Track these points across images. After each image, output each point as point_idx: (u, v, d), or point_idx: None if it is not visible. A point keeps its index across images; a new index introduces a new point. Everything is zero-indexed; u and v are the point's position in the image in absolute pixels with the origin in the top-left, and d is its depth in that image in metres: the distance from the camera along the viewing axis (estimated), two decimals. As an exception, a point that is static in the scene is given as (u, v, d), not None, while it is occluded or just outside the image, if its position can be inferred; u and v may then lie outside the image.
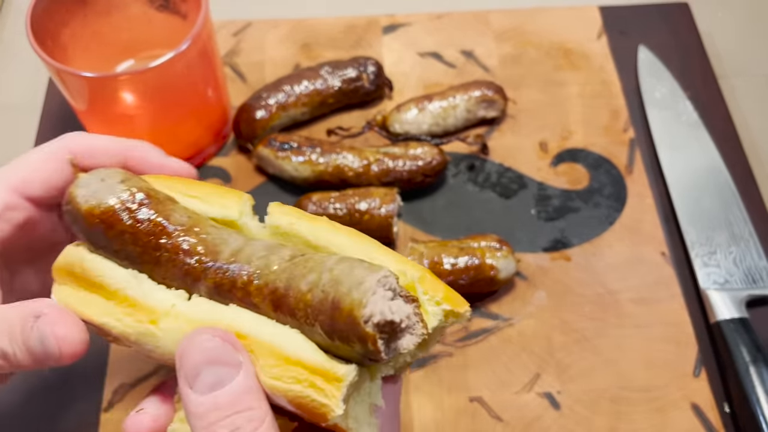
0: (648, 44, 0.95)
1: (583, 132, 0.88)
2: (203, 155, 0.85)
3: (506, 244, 0.74)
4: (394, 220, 0.75)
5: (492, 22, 0.98)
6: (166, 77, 0.71)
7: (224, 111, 0.85)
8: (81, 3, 0.79)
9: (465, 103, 0.85)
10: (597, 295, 0.76)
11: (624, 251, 0.79)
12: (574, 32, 0.97)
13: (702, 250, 0.77)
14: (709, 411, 0.70)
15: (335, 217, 0.76)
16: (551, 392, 0.71)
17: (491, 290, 0.75)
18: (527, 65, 0.94)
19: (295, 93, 0.84)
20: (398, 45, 0.96)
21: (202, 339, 0.42)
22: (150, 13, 0.83)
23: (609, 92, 0.92)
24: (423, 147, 0.80)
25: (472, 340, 0.74)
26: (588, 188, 0.84)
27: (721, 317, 0.72)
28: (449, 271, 0.71)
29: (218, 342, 0.41)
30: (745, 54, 0.98)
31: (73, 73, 0.68)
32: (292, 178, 0.80)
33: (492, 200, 0.83)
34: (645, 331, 0.74)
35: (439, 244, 0.73)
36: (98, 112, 0.75)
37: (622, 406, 0.70)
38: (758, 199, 0.82)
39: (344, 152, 0.80)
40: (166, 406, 0.50)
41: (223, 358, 0.41)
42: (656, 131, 0.87)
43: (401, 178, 0.80)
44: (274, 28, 0.98)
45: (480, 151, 0.86)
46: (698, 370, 0.72)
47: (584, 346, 0.73)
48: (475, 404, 0.70)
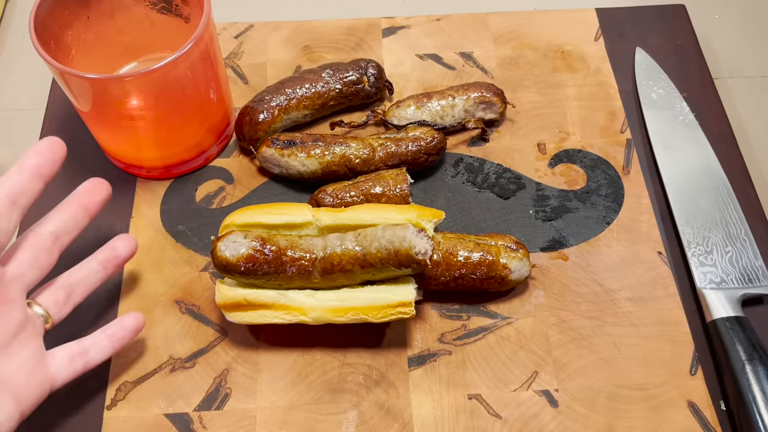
0: (645, 46, 0.96)
1: (581, 133, 0.89)
2: (206, 156, 0.86)
3: (523, 247, 0.74)
4: (409, 198, 0.78)
5: (491, 24, 0.99)
6: (169, 79, 0.72)
7: (226, 112, 0.86)
8: (84, 5, 0.79)
9: (463, 103, 0.86)
10: (594, 294, 0.77)
11: (621, 251, 0.80)
12: (571, 35, 0.98)
13: (698, 250, 0.78)
14: (706, 409, 0.71)
15: (353, 204, 0.77)
16: (549, 390, 0.72)
17: (501, 290, 0.76)
18: (525, 67, 0.95)
19: (296, 95, 0.85)
20: (398, 47, 0.97)
21: None
22: (152, 15, 0.84)
23: (606, 94, 0.93)
24: (422, 129, 0.83)
25: (470, 339, 0.74)
26: (585, 189, 0.85)
27: (717, 316, 0.72)
28: (462, 263, 0.72)
29: None
30: (741, 56, 0.99)
31: (77, 75, 0.69)
32: (300, 173, 0.81)
33: (490, 200, 0.84)
34: (642, 329, 0.75)
35: (456, 237, 0.74)
36: (101, 113, 0.76)
37: (619, 404, 0.71)
38: (754, 200, 0.83)
39: (348, 142, 0.81)
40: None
41: None
42: (653, 132, 0.88)
43: (406, 159, 0.81)
44: (275, 30, 0.98)
45: (480, 138, 0.87)
46: (695, 368, 0.73)
47: (581, 344, 0.74)
48: (474, 402, 0.71)
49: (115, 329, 0.68)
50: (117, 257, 0.70)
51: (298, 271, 0.68)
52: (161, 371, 0.73)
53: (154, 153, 0.82)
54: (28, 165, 0.60)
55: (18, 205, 0.59)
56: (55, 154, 0.62)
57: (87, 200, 0.67)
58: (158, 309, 0.76)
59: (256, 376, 0.73)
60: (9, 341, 0.59)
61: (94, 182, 0.68)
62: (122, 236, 0.71)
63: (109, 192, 0.69)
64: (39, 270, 0.63)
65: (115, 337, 0.68)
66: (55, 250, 0.65)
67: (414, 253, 0.65)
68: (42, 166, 0.61)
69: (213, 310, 0.76)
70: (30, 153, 0.61)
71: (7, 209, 0.58)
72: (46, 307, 0.64)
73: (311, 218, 0.71)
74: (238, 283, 0.70)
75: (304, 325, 0.71)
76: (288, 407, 0.71)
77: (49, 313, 0.64)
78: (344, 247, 0.67)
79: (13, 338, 0.60)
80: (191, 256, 0.80)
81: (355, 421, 0.70)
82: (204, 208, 0.83)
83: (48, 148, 0.62)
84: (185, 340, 0.75)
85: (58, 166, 0.62)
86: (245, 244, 0.67)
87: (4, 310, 0.59)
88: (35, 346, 0.62)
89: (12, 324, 0.60)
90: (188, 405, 0.71)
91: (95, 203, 0.67)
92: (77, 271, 0.68)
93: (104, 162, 0.86)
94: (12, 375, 0.59)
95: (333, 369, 0.73)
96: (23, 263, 0.62)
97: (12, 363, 0.60)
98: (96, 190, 0.68)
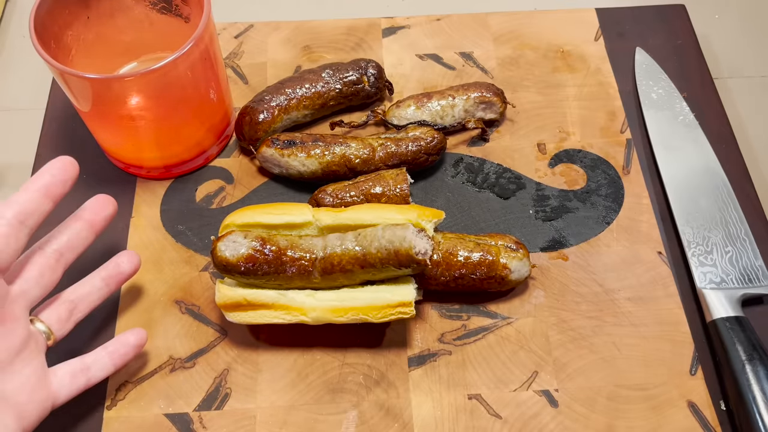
0: (645, 46, 0.96)
1: (581, 133, 0.89)
2: (206, 156, 0.86)
3: (523, 247, 0.74)
4: (409, 199, 0.78)
5: (491, 24, 0.99)
6: (169, 79, 0.72)
7: (226, 112, 0.86)
8: (84, 5, 0.79)
9: (463, 103, 0.86)
10: (594, 294, 0.77)
11: (621, 251, 0.80)
12: (571, 35, 0.98)
13: (698, 250, 0.78)
14: (706, 409, 0.71)
15: (353, 204, 0.77)
16: (549, 390, 0.72)
17: (501, 290, 0.76)
18: (525, 67, 0.95)
19: (296, 95, 0.85)
20: (398, 47, 0.97)
21: None
22: (152, 15, 0.84)
23: (606, 94, 0.93)
24: (422, 129, 0.83)
25: (470, 339, 0.74)
26: (585, 189, 0.85)
27: (717, 316, 0.72)
28: (462, 263, 0.72)
29: None
30: (740, 56, 0.99)
31: (77, 75, 0.69)
32: (300, 173, 0.81)
33: (490, 200, 0.84)
34: (642, 329, 0.75)
35: (456, 237, 0.74)
36: (101, 113, 0.76)
37: (619, 404, 0.71)
38: (754, 200, 0.83)
39: (348, 142, 0.81)
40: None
41: None
42: (653, 132, 0.88)
43: (406, 159, 0.81)
44: (275, 30, 0.99)
45: (480, 138, 0.87)
46: (695, 368, 0.73)
47: (581, 344, 0.74)
48: (474, 402, 0.71)
49: (116, 346, 0.68)
50: (120, 274, 0.70)
51: (298, 271, 0.68)
52: (161, 371, 0.73)
53: (154, 153, 0.82)
54: (39, 184, 0.60)
55: (26, 225, 0.59)
56: (67, 174, 0.62)
57: (92, 217, 0.67)
58: (158, 309, 0.76)
59: (256, 376, 0.73)
60: (12, 358, 0.59)
61: (99, 199, 0.68)
62: (126, 252, 0.71)
63: (115, 209, 0.68)
64: (43, 288, 0.63)
65: (116, 354, 0.67)
66: (59, 268, 0.64)
67: (414, 253, 0.65)
68: (52, 186, 0.61)
69: (213, 310, 0.76)
70: (42, 172, 0.61)
71: (15, 229, 0.58)
72: (48, 324, 0.64)
73: (311, 218, 0.71)
74: (238, 283, 0.70)
75: (304, 325, 0.71)
76: (288, 407, 0.71)
77: (51, 329, 0.64)
78: (344, 247, 0.67)
79: (17, 355, 0.60)
80: (191, 256, 0.80)
81: (355, 421, 0.70)
82: (204, 208, 0.83)
83: (60, 168, 0.61)
84: (185, 340, 0.75)
85: (68, 186, 0.62)
86: (245, 244, 0.67)
87: (8, 328, 0.59)
88: (38, 363, 0.62)
89: (15, 341, 0.60)
90: (188, 405, 0.71)
91: (100, 220, 0.67)
92: (80, 287, 0.67)
93: (104, 162, 0.86)
94: (15, 392, 0.59)
95: (333, 369, 0.73)
96: (29, 280, 0.62)
97: (15, 380, 0.59)
98: (101, 208, 0.67)
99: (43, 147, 0.87)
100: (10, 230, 0.58)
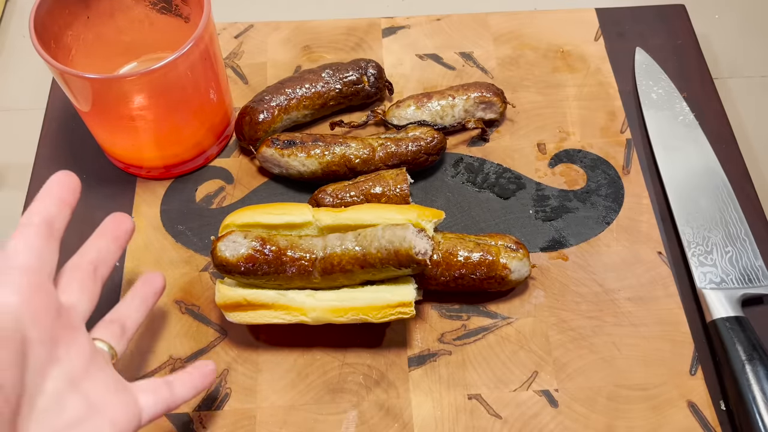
0: (645, 46, 0.96)
1: (581, 133, 0.89)
2: (206, 156, 0.86)
3: (523, 247, 0.74)
4: (409, 199, 0.78)
5: (491, 24, 0.99)
6: (169, 79, 0.72)
7: (226, 112, 0.86)
8: (84, 5, 0.79)
9: (463, 103, 0.86)
10: (594, 294, 0.77)
11: (621, 251, 0.80)
12: (571, 35, 0.98)
13: (698, 250, 0.78)
14: (706, 409, 0.71)
15: (353, 204, 0.77)
16: (549, 390, 0.72)
17: (501, 290, 0.76)
18: (525, 67, 0.95)
19: (296, 95, 0.85)
20: (398, 47, 0.97)
21: None
22: (152, 15, 0.84)
23: (606, 94, 0.93)
24: (422, 129, 0.83)
25: (470, 339, 0.74)
26: (585, 189, 0.85)
27: (717, 316, 0.72)
28: (462, 263, 0.72)
29: None
30: (740, 56, 0.99)
31: (77, 75, 0.69)
32: (300, 173, 0.81)
33: (490, 200, 0.84)
34: (642, 329, 0.75)
35: (456, 237, 0.74)
36: (101, 113, 0.76)
37: (619, 404, 0.71)
38: (754, 200, 0.83)
39: (348, 142, 0.81)
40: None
41: None
42: (653, 132, 0.88)
43: (406, 159, 0.81)
44: (275, 30, 0.99)
45: (480, 138, 0.87)
46: (694, 368, 0.73)
47: (581, 344, 0.74)
48: (474, 402, 0.71)
49: (195, 369, 0.65)
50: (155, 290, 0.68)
51: (298, 271, 0.68)
52: (161, 371, 0.73)
53: (154, 153, 0.82)
54: (51, 192, 0.58)
55: (55, 229, 0.57)
56: (73, 183, 0.59)
57: (114, 233, 0.65)
58: (158, 309, 0.76)
59: (256, 376, 0.73)
60: (87, 366, 0.57)
61: (116, 216, 0.66)
62: (153, 274, 0.69)
63: (133, 225, 0.67)
64: (89, 299, 0.60)
65: (196, 373, 0.64)
66: (98, 280, 0.62)
67: (414, 253, 0.65)
68: (64, 192, 0.59)
69: (213, 310, 0.76)
70: (49, 184, 0.59)
71: (46, 231, 0.56)
72: (107, 341, 0.62)
73: (311, 218, 0.71)
74: (238, 283, 0.70)
75: (304, 325, 0.71)
76: (288, 407, 0.71)
77: (111, 346, 0.62)
78: (344, 247, 0.67)
79: (91, 362, 0.57)
80: (191, 256, 0.80)
81: (355, 421, 0.70)
82: (204, 208, 0.83)
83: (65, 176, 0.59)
84: (185, 340, 0.75)
85: (78, 194, 0.60)
86: (245, 244, 0.68)
87: (72, 336, 0.56)
88: (111, 371, 0.59)
89: (84, 349, 0.57)
90: (188, 405, 0.71)
91: (122, 234, 0.65)
92: (121, 306, 0.66)
93: (104, 162, 0.86)
94: (100, 397, 0.56)
95: (333, 369, 0.73)
96: (74, 292, 0.59)
97: (98, 387, 0.57)
98: (120, 222, 0.66)
99: (43, 147, 0.87)
100: (41, 230, 0.56)
